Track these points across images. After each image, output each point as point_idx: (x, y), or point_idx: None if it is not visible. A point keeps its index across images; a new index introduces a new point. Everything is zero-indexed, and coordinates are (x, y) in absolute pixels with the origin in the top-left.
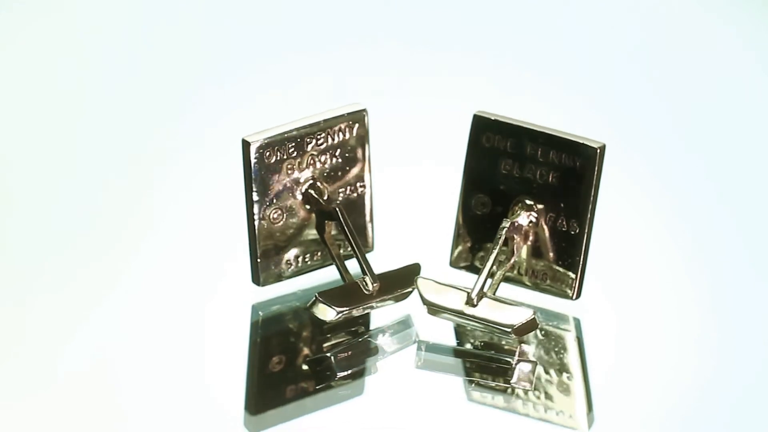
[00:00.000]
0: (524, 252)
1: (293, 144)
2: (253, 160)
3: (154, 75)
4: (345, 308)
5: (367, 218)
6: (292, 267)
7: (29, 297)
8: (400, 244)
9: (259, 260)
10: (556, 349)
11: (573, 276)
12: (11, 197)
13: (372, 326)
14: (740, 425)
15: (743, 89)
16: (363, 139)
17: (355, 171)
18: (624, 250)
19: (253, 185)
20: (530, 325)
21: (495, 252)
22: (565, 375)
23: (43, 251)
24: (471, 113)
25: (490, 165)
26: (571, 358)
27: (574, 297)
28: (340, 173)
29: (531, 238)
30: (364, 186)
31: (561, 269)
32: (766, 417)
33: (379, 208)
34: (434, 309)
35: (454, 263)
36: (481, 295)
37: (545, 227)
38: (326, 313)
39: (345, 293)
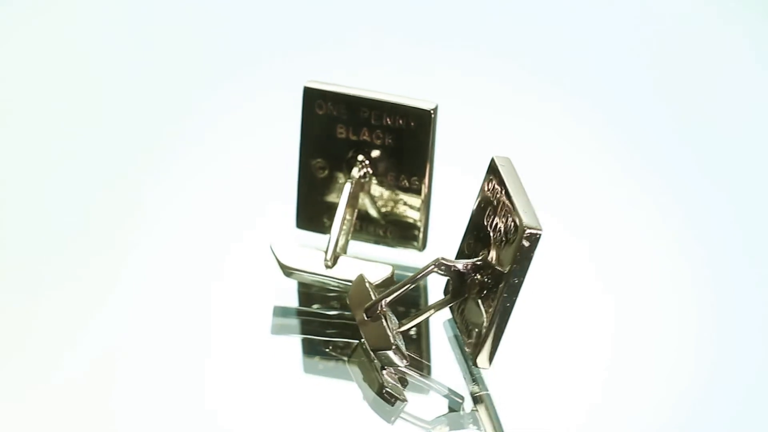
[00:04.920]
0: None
1: (346, 107)
2: (304, 105)
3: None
4: (293, 269)
5: (419, 215)
6: (330, 224)
7: (67, 263)
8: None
9: (297, 202)
10: None
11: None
12: (41, 176)
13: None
14: None
15: (743, 89)
16: (425, 134)
17: (410, 163)
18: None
19: (302, 129)
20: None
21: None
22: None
23: (87, 208)
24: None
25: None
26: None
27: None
28: (392, 159)
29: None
30: (418, 182)
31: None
32: None
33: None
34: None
35: None
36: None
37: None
38: (277, 264)
39: (302, 256)
